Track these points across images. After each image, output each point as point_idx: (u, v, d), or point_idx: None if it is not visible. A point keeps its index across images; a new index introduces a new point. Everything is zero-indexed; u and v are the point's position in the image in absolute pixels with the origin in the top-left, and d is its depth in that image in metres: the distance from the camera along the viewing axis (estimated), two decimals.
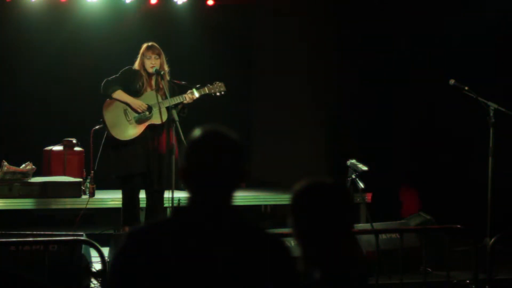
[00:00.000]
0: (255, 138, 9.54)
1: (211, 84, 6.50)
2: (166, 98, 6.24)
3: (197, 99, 6.41)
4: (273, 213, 8.28)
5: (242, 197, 7.68)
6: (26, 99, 8.78)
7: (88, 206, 7.20)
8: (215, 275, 2.02)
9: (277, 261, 2.07)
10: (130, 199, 6.39)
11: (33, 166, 7.42)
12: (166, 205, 6.44)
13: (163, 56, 6.38)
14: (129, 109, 6.33)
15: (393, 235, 5.94)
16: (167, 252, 2.03)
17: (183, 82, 6.54)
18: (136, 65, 6.41)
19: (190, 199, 2.11)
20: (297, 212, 2.24)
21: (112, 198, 7.29)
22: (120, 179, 6.42)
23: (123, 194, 6.44)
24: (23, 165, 7.38)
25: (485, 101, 6.38)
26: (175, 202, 6.05)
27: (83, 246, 5.28)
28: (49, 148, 7.94)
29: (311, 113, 9.36)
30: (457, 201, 7.95)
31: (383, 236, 5.89)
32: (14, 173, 7.19)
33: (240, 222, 2.11)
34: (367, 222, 6.27)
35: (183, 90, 6.45)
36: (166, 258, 2.02)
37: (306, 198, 2.24)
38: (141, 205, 6.64)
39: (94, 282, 5.39)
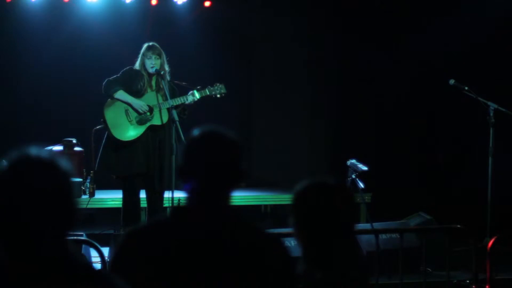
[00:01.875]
0: (255, 138, 9.54)
1: (212, 85, 6.50)
2: (166, 98, 6.24)
3: (198, 100, 6.42)
4: (273, 213, 8.28)
5: (242, 197, 7.69)
6: (26, 99, 8.77)
7: (88, 206, 7.21)
8: (214, 274, 2.02)
9: (276, 261, 2.07)
10: (130, 199, 6.39)
11: None
12: (166, 205, 6.44)
13: (163, 56, 6.38)
14: (130, 109, 6.33)
15: (393, 235, 5.94)
16: (166, 251, 2.03)
17: (183, 83, 6.54)
18: (137, 65, 6.41)
19: (188, 199, 2.12)
20: (299, 212, 2.25)
21: (112, 198, 7.29)
22: (121, 179, 6.42)
23: (124, 194, 6.44)
24: None
25: (485, 101, 6.38)
26: (175, 202, 6.05)
27: (83, 246, 5.28)
28: (49, 148, 7.94)
29: (311, 113, 9.36)
30: (457, 201, 7.95)
31: (383, 236, 5.89)
32: None
33: (239, 222, 2.11)
34: (367, 222, 6.27)
35: (183, 91, 6.45)
36: (165, 257, 2.02)
37: (307, 198, 2.24)
38: (141, 205, 6.65)
39: None
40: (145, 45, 6.41)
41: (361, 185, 5.96)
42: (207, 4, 9.22)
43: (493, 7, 8.06)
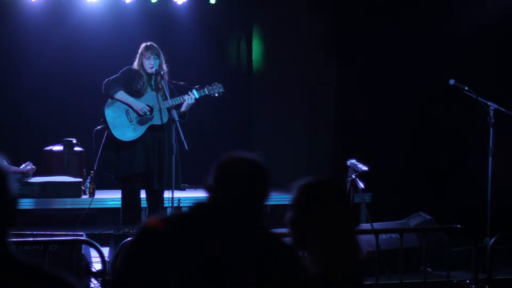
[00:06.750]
0: (255, 137, 9.54)
1: (210, 85, 6.51)
2: (166, 98, 6.25)
3: (197, 100, 6.42)
4: (273, 213, 8.28)
5: None
6: (26, 99, 8.78)
7: (88, 206, 7.20)
8: (226, 271, 2.01)
9: (288, 261, 2.08)
10: (130, 199, 6.39)
11: (33, 166, 7.42)
12: (166, 205, 6.44)
13: (161, 56, 6.38)
14: (131, 110, 6.33)
15: (393, 235, 5.94)
16: (177, 246, 2.03)
17: (181, 83, 6.55)
18: (135, 65, 6.41)
19: (209, 198, 2.13)
20: (298, 210, 2.24)
21: (112, 198, 7.29)
22: (120, 179, 6.42)
23: (123, 194, 6.44)
24: (23, 165, 7.38)
25: (485, 101, 6.38)
26: (175, 202, 6.06)
27: (83, 246, 5.28)
28: (49, 148, 7.94)
29: (311, 113, 9.36)
30: (457, 201, 7.95)
31: (383, 236, 5.89)
32: (14, 173, 7.19)
33: (250, 223, 2.12)
34: (367, 222, 6.27)
35: (182, 91, 6.45)
36: (176, 253, 2.02)
37: (305, 196, 2.24)
38: (141, 205, 6.64)
39: (94, 282, 5.39)
40: (143, 45, 6.42)
41: (361, 185, 5.96)
42: (212, 1, 9.17)
43: (493, 6, 8.06)
